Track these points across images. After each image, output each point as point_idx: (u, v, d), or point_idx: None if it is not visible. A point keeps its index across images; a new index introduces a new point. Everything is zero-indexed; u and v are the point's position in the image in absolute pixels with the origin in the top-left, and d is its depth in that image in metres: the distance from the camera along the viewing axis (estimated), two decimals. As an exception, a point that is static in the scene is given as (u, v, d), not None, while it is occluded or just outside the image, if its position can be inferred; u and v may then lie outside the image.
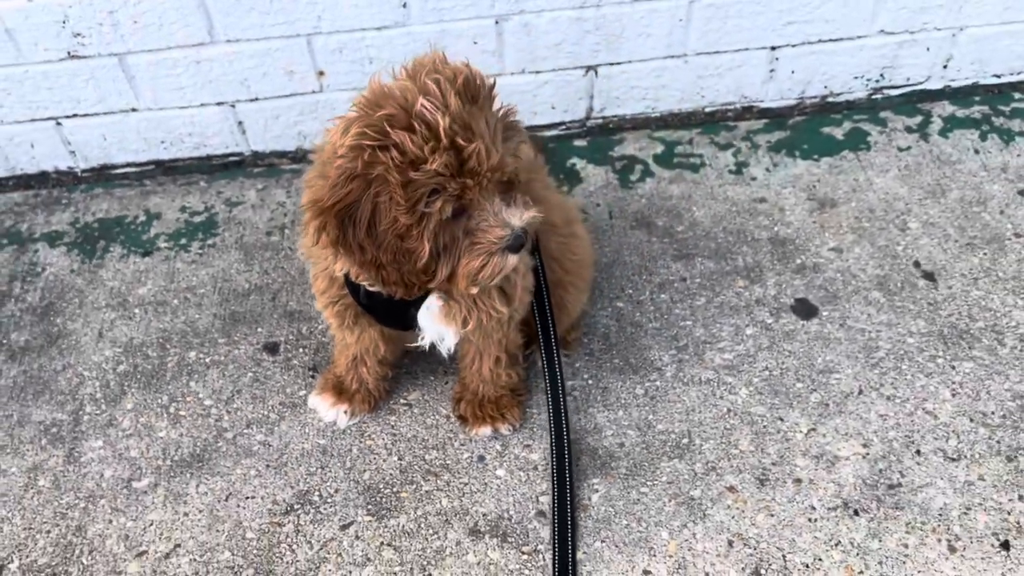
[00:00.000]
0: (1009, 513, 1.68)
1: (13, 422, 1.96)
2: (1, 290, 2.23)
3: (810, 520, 1.70)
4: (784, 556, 1.65)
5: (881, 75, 2.46)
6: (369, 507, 1.78)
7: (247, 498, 1.81)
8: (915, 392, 1.87)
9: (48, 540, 1.77)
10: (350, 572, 1.68)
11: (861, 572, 1.62)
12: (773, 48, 2.36)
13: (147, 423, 1.94)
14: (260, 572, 1.69)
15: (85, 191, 2.49)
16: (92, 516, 1.80)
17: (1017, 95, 2.50)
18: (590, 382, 1.95)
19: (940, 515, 1.69)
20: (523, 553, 1.69)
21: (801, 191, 2.30)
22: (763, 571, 1.63)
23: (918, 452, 1.78)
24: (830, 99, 2.51)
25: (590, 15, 2.24)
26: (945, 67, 2.46)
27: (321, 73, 2.31)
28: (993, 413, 1.83)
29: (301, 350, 2.05)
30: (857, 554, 1.64)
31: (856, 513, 1.70)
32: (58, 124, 2.38)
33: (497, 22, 2.23)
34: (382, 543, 1.72)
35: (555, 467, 1.74)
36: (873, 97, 2.51)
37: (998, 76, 2.50)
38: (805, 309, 2.04)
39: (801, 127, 2.49)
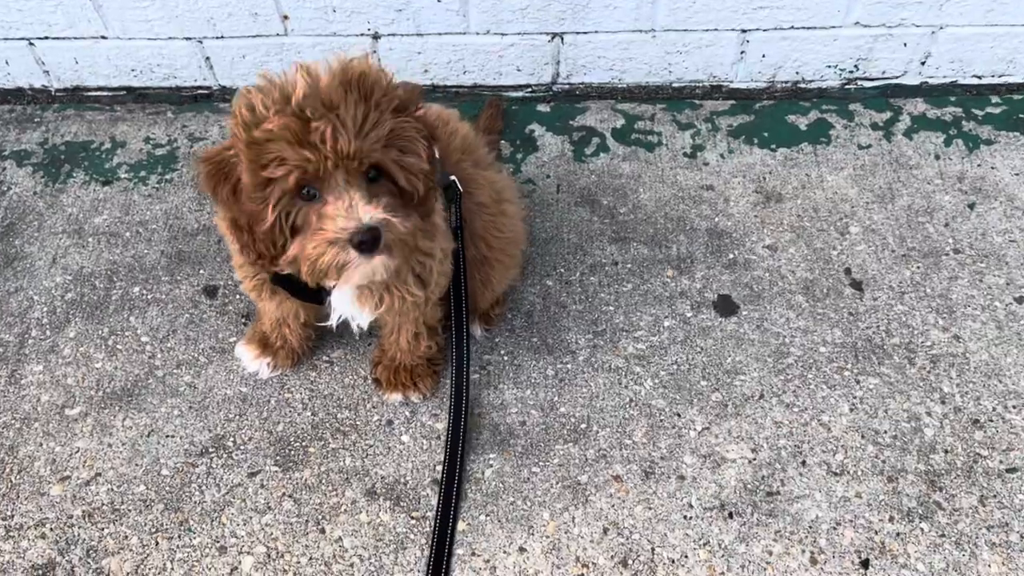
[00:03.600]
0: (876, 533, 1.75)
1: (-36, 338, 2.09)
2: (-33, 206, 2.33)
3: (685, 517, 1.78)
4: (653, 549, 1.74)
5: (855, 66, 2.41)
6: (278, 458, 1.89)
7: (167, 436, 1.93)
8: (815, 403, 1.92)
9: (-17, 456, 1.91)
10: (251, 518, 1.81)
11: (722, 573, 1.71)
12: (744, 31, 2.32)
13: (86, 353, 2.06)
14: (169, 508, 1.82)
15: (58, 111, 2.55)
16: (25, 438, 1.93)
17: (995, 99, 2.44)
18: (505, 358, 2.02)
19: (810, 527, 1.76)
20: (412, 518, 1.80)
21: (750, 182, 2.30)
22: (630, 561, 1.73)
23: (803, 463, 1.84)
24: (801, 85, 2.46)
25: (555, -18, 2.21)
26: (923, 63, 2.40)
27: (285, 17, 2.32)
28: (885, 432, 1.87)
29: (238, 297, 2.13)
30: (722, 555, 1.73)
31: (730, 516, 1.78)
32: (31, 44, 2.42)
33: (461, -18, 2.21)
34: (284, 494, 1.84)
35: (450, 441, 1.83)
36: (846, 87, 2.46)
37: (979, 77, 2.43)
38: (726, 306, 2.07)
39: (767, 112, 2.46)
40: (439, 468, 1.86)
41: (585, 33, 2.33)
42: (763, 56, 2.38)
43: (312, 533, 1.78)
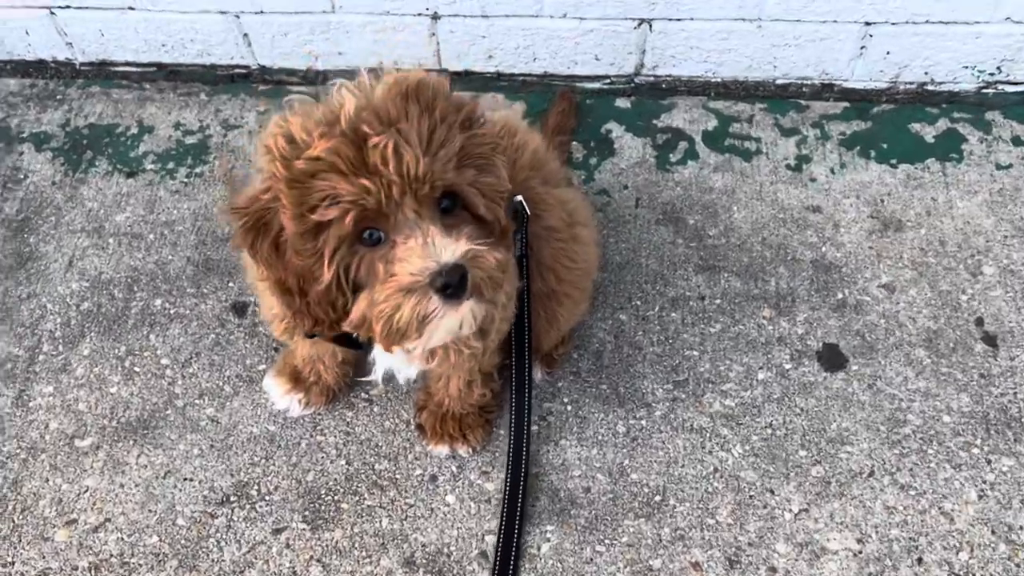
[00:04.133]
0: (1007, 656, 1.46)
1: (-29, 349, 1.89)
2: (-19, 194, 2.11)
3: (776, 620, 1.52)
4: (736, 658, 1.48)
5: (998, 68, 2.03)
6: (306, 513, 1.66)
7: (185, 479, 1.71)
8: (935, 485, 1.62)
9: (-16, 490, 1.72)
10: (273, 584, 1.59)
11: None
12: (868, 23, 1.96)
13: (100, 375, 1.84)
14: (184, 566, 1.61)
15: (82, 87, 2.30)
16: (31, 471, 1.73)
17: None
18: (569, 408, 1.75)
19: (926, 643, 1.48)
20: (455, 597, 1.56)
21: (865, 205, 1.96)
22: (709, 671, 1.47)
23: (919, 560, 1.55)
24: (929, 87, 2.10)
25: (647, -37, 1.87)
26: (1082, 66, 2.01)
27: (333, -8, 2.02)
28: (1021, 529, 1.57)
29: (269, 316, 1.89)
30: (819, 671, 1.46)
31: (830, 622, 1.51)
32: (52, 13, 2.17)
33: (536, -41, 1.89)
34: (312, 557, 1.61)
35: (506, 509, 1.59)
36: (983, 91, 2.09)
37: None
38: (832, 358, 1.76)
39: (886, 118, 2.10)
40: (488, 538, 1.61)
41: (679, 20, 2.00)
42: (887, 53, 2.02)
43: (341, 608, 1.56)
